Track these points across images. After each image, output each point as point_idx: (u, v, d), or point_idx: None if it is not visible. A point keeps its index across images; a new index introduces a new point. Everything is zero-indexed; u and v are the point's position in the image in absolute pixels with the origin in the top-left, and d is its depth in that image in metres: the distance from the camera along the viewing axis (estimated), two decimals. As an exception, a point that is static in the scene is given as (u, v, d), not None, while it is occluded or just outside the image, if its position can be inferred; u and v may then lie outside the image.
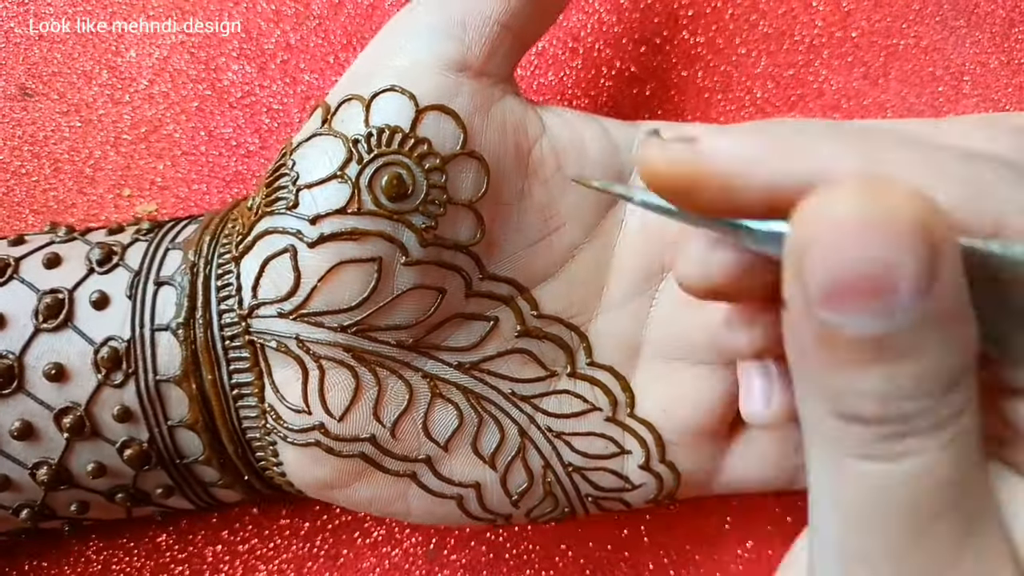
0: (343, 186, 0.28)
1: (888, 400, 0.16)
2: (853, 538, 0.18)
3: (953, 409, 0.16)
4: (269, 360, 0.30)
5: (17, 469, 0.31)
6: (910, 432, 0.16)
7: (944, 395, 0.16)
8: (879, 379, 0.16)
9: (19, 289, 0.31)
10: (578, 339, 0.33)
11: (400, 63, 0.30)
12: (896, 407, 0.16)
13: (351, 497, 0.31)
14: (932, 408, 0.16)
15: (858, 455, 0.17)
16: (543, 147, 0.31)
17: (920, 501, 0.17)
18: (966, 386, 0.17)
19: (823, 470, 0.18)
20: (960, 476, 0.17)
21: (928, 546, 0.17)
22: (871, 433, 0.17)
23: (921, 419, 0.16)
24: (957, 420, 0.16)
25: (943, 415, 0.16)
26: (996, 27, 0.42)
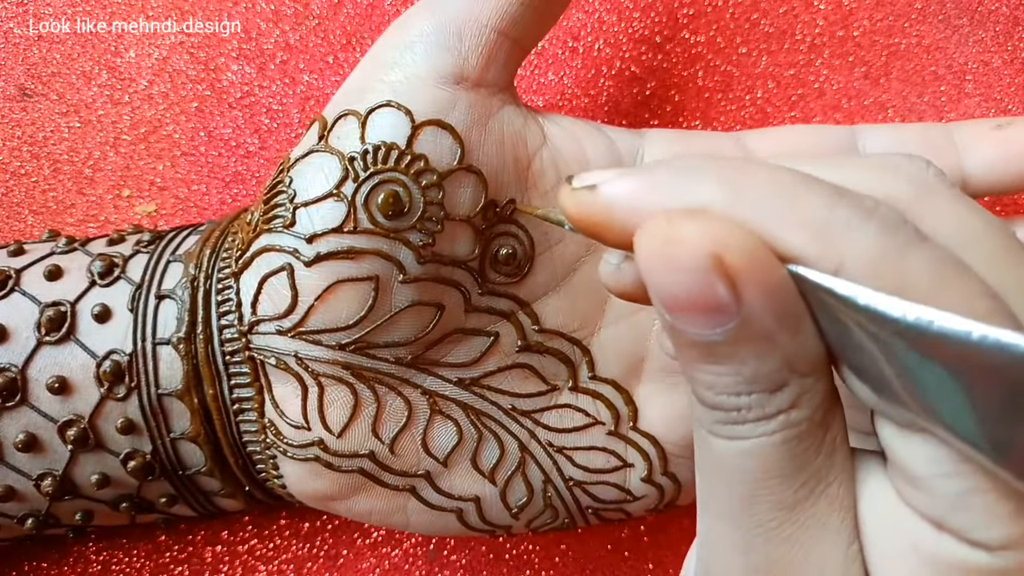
0: (339, 204, 0.28)
1: (719, 392, 0.19)
2: (704, 493, 0.21)
3: (778, 406, 0.19)
4: (269, 376, 0.30)
5: (22, 480, 0.31)
6: (739, 420, 0.19)
7: (770, 394, 0.19)
8: (711, 375, 0.19)
9: (21, 301, 0.31)
10: (580, 353, 0.32)
11: (395, 77, 0.29)
12: (727, 399, 0.19)
13: (351, 509, 0.31)
14: (758, 403, 0.19)
15: (707, 429, 0.20)
16: (543, 159, 0.31)
17: (748, 475, 0.20)
18: (798, 387, 0.19)
19: (695, 435, 0.21)
20: (788, 460, 0.19)
21: (754, 511, 0.20)
22: (712, 415, 0.20)
23: (748, 411, 0.19)
24: (786, 415, 0.19)
25: (768, 410, 0.19)
26: (999, 26, 0.42)
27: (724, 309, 0.17)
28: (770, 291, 0.17)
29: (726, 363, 0.18)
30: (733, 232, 0.17)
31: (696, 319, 0.18)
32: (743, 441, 0.19)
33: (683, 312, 0.18)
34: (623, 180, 0.20)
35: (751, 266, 0.17)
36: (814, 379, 0.19)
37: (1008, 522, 0.18)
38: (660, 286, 0.18)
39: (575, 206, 0.20)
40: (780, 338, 0.18)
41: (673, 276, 0.17)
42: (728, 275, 0.17)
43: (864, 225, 0.18)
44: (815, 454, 0.19)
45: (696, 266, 0.17)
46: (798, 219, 0.18)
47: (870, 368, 0.18)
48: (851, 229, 0.18)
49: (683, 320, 0.18)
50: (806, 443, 0.19)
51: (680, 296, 0.18)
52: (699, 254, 0.17)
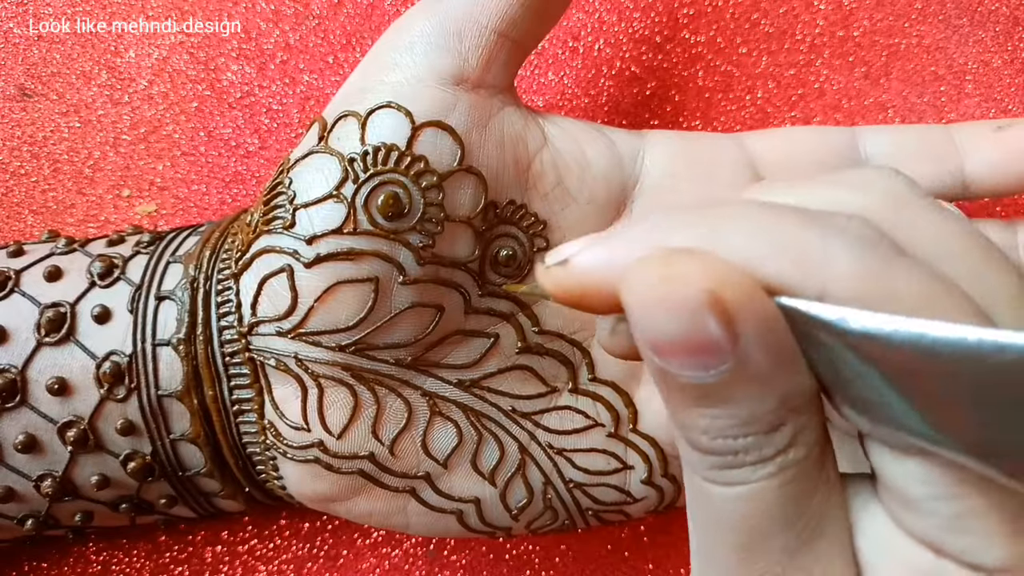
0: (339, 206, 0.28)
1: (715, 436, 0.18)
2: (702, 547, 0.20)
3: (776, 447, 0.18)
4: (269, 377, 0.30)
5: (21, 481, 0.31)
6: (737, 464, 0.19)
7: (767, 435, 0.18)
8: (705, 419, 0.18)
9: (20, 302, 0.31)
10: (580, 355, 0.32)
11: (396, 78, 0.29)
12: (722, 443, 0.18)
13: (351, 510, 0.31)
14: (756, 445, 0.18)
15: (701, 476, 0.19)
16: (543, 160, 0.31)
17: (749, 521, 0.19)
18: (794, 426, 0.18)
19: (687, 483, 0.20)
20: (788, 502, 0.19)
21: (758, 559, 0.19)
22: (707, 461, 0.19)
23: (745, 454, 0.18)
24: (784, 455, 0.18)
25: (766, 452, 0.18)
26: (999, 26, 0.42)
27: (719, 349, 0.17)
28: (765, 328, 0.17)
29: (721, 405, 0.18)
30: (727, 269, 0.17)
31: (689, 361, 0.17)
32: (741, 487, 0.19)
33: (675, 354, 0.17)
34: (594, 248, 0.20)
35: (747, 303, 0.17)
36: (808, 416, 0.19)
37: (1007, 543, 0.17)
38: (650, 327, 0.17)
39: (552, 285, 0.20)
40: (777, 376, 0.18)
41: (666, 315, 0.17)
42: (725, 312, 0.17)
43: (840, 245, 0.17)
44: (813, 494, 0.19)
45: (693, 304, 0.17)
46: (775, 249, 0.18)
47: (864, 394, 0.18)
48: (828, 251, 0.17)
49: (674, 363, 0.18)
50: (804, 484, 0.19)
51: (673, 337, 0.17)
52: (696, 292, 0.17)
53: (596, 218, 0.32)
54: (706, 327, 0.17)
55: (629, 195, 0.33)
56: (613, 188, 0.32)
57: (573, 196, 0.32)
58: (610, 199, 0.32)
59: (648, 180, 0.33)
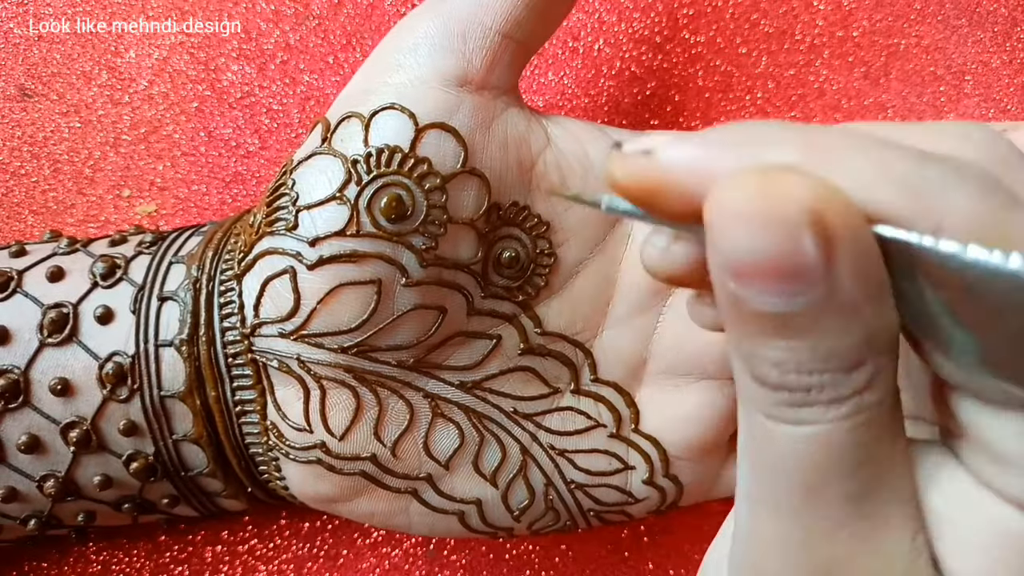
0: (342, 208, 0.28)
1: (788, 371, 0.17)
2: (756, 486, 0.19)
3: (854, 387, 0.17)
4: (271, 378, 0.30)
5: (24, 481, 0.31)
6: (809, 402, 0.18)
7: (846, 373, 0.17)
8: (780, 351, 0.17)
9: (23, 303, 0.31)
10: (583, 356, 0.32)
11: (399, 79, 0.29)
12: (796, 379, 0.17)
13: (353, 511, 0.31)
14: (832, 383, 0.17)
15: (765, 414, 0.18)
16: (547, 161, 0.31)
17: (814, 464, 0.18)
18: (874, 366, 0.17)
19: (743, 421, 0.19)
20: (858, 447, 0.18)
21: (819, 504, 0.18)
22: (774, 397, 0.18)
23: (820, 392, 0.17)
24: (860, 397, 0.17)
25: (842, 392, 0.17)
26: (998, 26, 0.42)
27: (811, 273, 0.16)
28: (863, 257, 0.16)
29: (801, 336, 0.17)
30: (832, 191, 0.16)
31: (775, 285, 0.16)
32: (812, 426, 0.18)
33: (759, 277, 0.16)
34: (684, 145, 0.18)
35: (848, 227, 0.16)
36: (888, 358, 0.18)
37: None
38: (737, 245, 0.16)
39: (627, 173, 0.19)
40: (865, 310, 0.17)
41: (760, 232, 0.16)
42: (825, 234, 0.16)
43: (962, 185, 0.16)
44: (882, 443, 0.18)
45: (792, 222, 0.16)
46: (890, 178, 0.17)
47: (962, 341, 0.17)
48: (948, 188, 0.16)
49: (756, 287, 0.16)
50: (875, 430, 0.18)
51: (763, 257, 0.16)
52: (798, 209, 0.16)
53: (599, 220, 0.32)
54: (802, 248, 0.16)
55: None
56: None
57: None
58: None
59: None
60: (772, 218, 0.16)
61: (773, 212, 0.16)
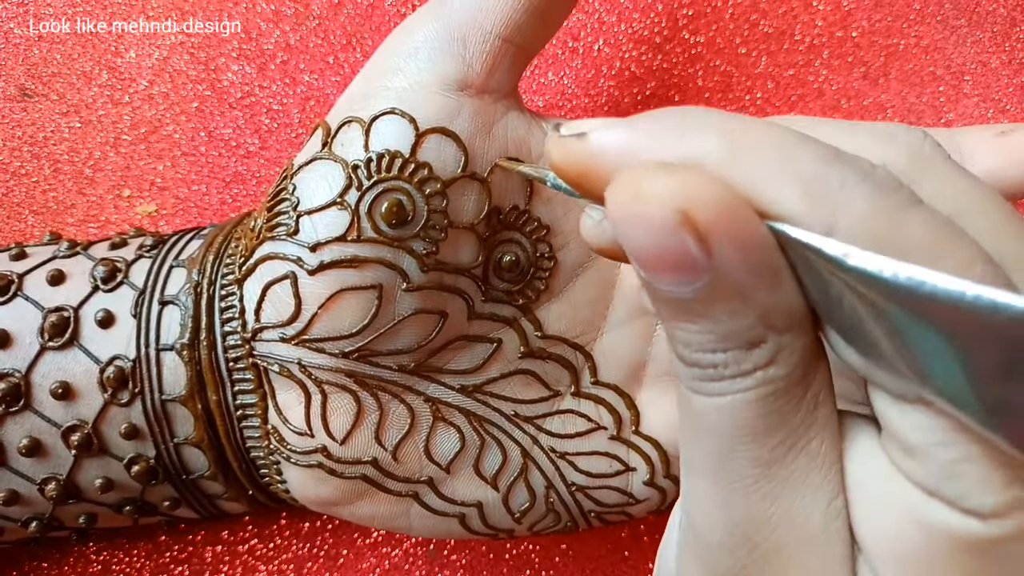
0: (343, 213, 0.28)
1: (696, 350, 0.19)
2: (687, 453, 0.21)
3: (755, 363, 0.18)
4: (272, 383, 0.30)
5: (26, 484, 0.31)
6: (716, 376, 0.19)
7: (745, 351, 0.18)
8: (688, 332, 0.19)
9: (24, 307, 0.31)
10: (583, 358, 0.32)
11: (399, 84, 0.29)
12: (703, 357, 0.19)
13: (354, 514, 0.31)
14: (734, 360, 0.18)
15: (685, 386, 0.20)
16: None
17: (725, 431, 0.19)
18: (775, 344, 0.18)
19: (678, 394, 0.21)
20: (766, 416, 0.19)
21: (732, 468, 0.20)
22: (690, 372, 0.19)
23: (725, 368, 0.19)
24: (764, 371, 0.19)
25: (745, 367, 0.18)
26: (997, 26, 0.42)
27: (694, 266, 0.17)
28: (744, 246, 0.17)
29: (700, 320, 0.18)
30: (704, 186, 0.17)
31: (667, 276, 0.18)
32: (720, 398, 0.19)
33: (655, 269, 0.18)
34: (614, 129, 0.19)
35: (723, 221, 0.17)
36: (792, 336, 0.19)
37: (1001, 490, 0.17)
38: (631, 242, 0.17)
39: (562, 154, 0.20)
40: (755, 295, 0.18)
41: (642, 232, 0.17)
42: (697, 231, 0.17)
43: (859, 185, 0.17)
44: (794, 411, 0.19)
45: (662, 223, 0.17)
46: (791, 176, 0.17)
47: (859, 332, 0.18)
48: (845, 188, 0.17)
49: (656, 277, 0.18)
50: (783, 400, 0.19)
51: (650, 253, 0.17)
52: (666, 210, 0.17)
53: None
54: (679, 244, 0.17)
55: None
56: None
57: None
58: None
59: None
60: (646, 219, 0.17)
61: (646, 214, 0.17)
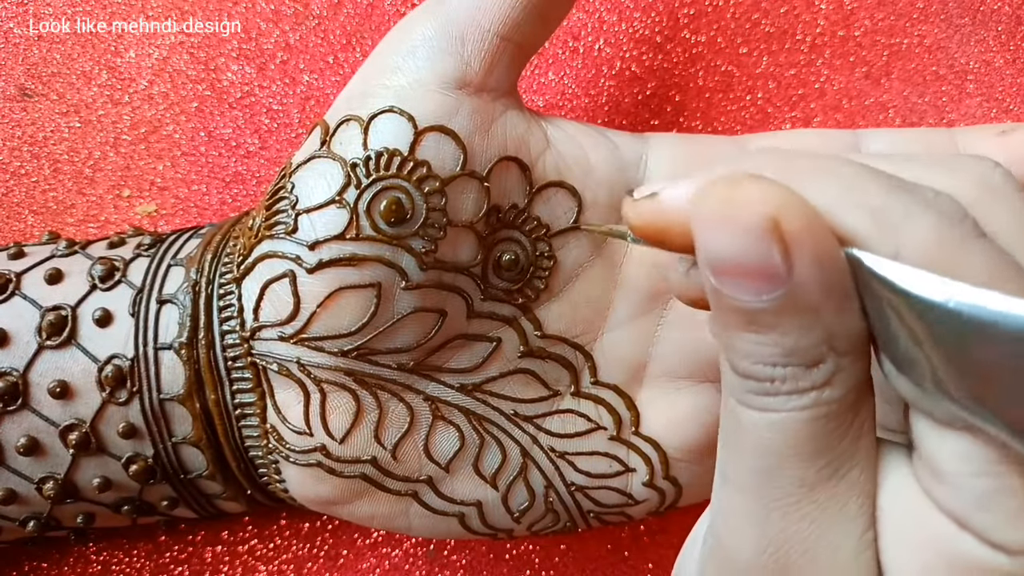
0: (341, 211, 0.28)
1: (755, 362, 0.19)
2: (726, 464, 0.21)
3: (814, 382, 0.19)
4: (271, 381, 0.30)
5: (24, 483, 0.31)
6: (771, 392, 0.19)
7: (806, 368, 0.19)
8: (749, 343, 0.19)
9: (21, 305, 0.31)
10: (583, 358, 0.32)
11: (398, 82, 0.29)
12: (761, 369, 0.19)
13: (353, 513, 0.31)
14: (792, 376, 0.19)
15: (736, 399, 0.20)
16: (546, 164, 0.31)
17: (773, 448, 0.19)
18: (834, 365, 0.19)
19: (723, 403, 0.21)
20: (815, 438, 0.19)
21: (775, 485, 0.20)
22: (744, 385, 0.20)
23: (782, 384, 0.19)
24: (819, 392, 0.19)
25: (802, 385, 0.19)
26: (1002, 25, 0.42)
27: (774, 276, 0.17)
28: (822, 263, 0.18)
29: (767, 332, 0.18)
30: (793, 199, 0.17)
31: (743, 284, 0.18)
32: (773, 414, 0.19)
33: (731, 275, 0.18)
34: (682, 184, 0.20)
35: (807, 235, 0.17)
36: (851, 360, 0.19)
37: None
38: (710, 246, 0.18)
39: (637, 216, 0.21)
40: (825, 313, 0.18)
41: (726, 236, 0.18)
42: (784, 240, 0.17)
43: (924, 214, 0.18)
44: (841, 436, 0.19)
45: (753, 227, 0.17)
46: (859, 203, 0.18)
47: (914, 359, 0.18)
48: (910, 216, 0.18)
49: (729, 284, 0.18)
50: (834, 423, 0.19)
51: (731, 258, 0.18)
52: (758, 215, 0.17)
53: (599, 222, 0.32)
54: (765, 252, 0.17)
55: None
56: (616, 192, 0.32)
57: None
58: (613, 203, 0.32)
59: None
60: (735, 223, 0.17)
61: (735, 218, 0.17)
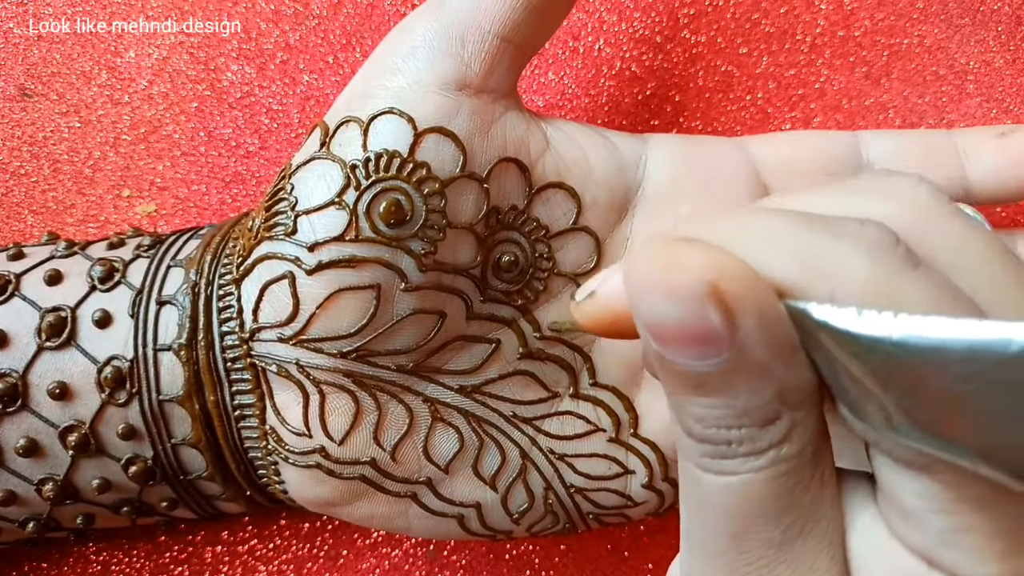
0: (341, 212, 0.28)
1: (708, 426, 0.19)
2: (690, 531, 0.21)
3: (770, 440, 0.18)
4: (270, 383, 0.30)
5: (23, 485, 0.31)
6: (728, 454, 0.19)
7: (761, 428, 0.18)
8: (701, 407, 0.18)
9: (21, 307, 0.31)
10: (581, 360, 0.32)
11: (398, 83, 0.29)
12: (716, 432, 0.18)
13: (352, 514, 0.31)
14: (749, 437, 0.18)
15: (694, 463, 0.19)
16: (546, 165, 0.31)
17: (737, 511, 0.19)
18: (789, 420, 0.18)
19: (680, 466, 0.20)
20: (779, 496, 0.19)
21: (742, 548, 0.19)
22: (700, 448, 0.19)
23: (739, 445, 0.18)
24: (777, 449, 0.18)
25: (760, 445, 0.18)
26: (1002, 26, 0.41)
27: (718, 340, 0.17)
28: (765, 322, 0.17)
29: (717, 395, 0.18)
30: (729, 260, 0.17)
31: (687, 350, 0.17)
32: (731, 477, 0.19)
33: (673, 342, 0.17)
34: (615, 275, 0.20)
35: (747, 296, 0.17)
36: (805, 412, 0.19)
37: (997, 561, 0.17)
38: (650, 314, 0.17)
39: (584, 317, 0.21)
40: (774, 370, 0.18)
41: (665, 303, 0.17)
42: (724, 304, 0.17)
43: (851, 250, 0.17)
44: (805, 490, 0.19)
45: (691, 294, 0.17)
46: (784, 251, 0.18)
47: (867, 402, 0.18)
48: (838, 256, 0.17)
49: (673, 351, 0.18)
50: (796, 479, 0.19)
51: (671, 325, 0.17)
52: (695, 281, 0.17)
53: (598, 223, 0.32)
54: (705, 317, 0.17)
55: (631, 200, 0.32)
56: (615, 193, 0.32)
57: None
58: (612, 204, 0.32)
59: (650, 185, 0.33)
60: (673, 290, 0.17)
61: (674, 284, 0.17)
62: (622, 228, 0.32)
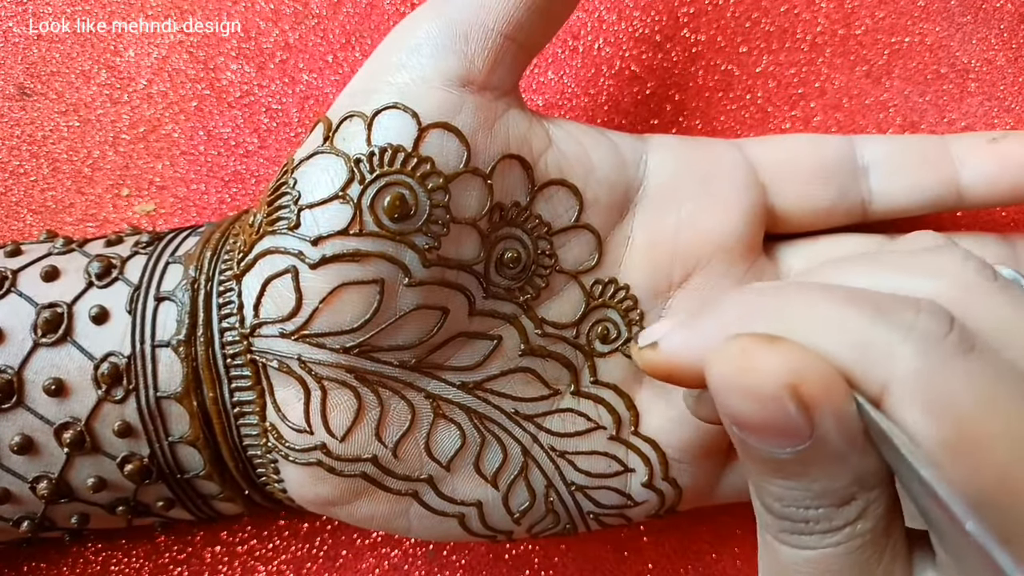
0: (345, 207, 0.28)
1: (787, 505, 0.20)
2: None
3: (846, 519, 0.20)
4: (271, 379, 0.30)
5: (17, 483, 0.31)
6: (806, 531, 0.20)
7: (837, 508, 0.20)
8: (781, 488, 0.20)
9: (17, 303, 0.31)
10: (583, 357, 0.32)
11: (402, 79, 0.29)
12: (795, 511, 0.20)
13: (352, 514, 0.31)
14: (826, 516, 0.20)
15: (772, 535, 0.21)
16: (548, 163, 0.31)
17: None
18: (864, 500, 0.20)
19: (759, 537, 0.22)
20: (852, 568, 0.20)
21: None
22: (779, 524, 0.21)
23: (816, 524, 0.20)
24: (852, 526, 0.20)
25: (836, 523, 0.20)
26: (1004, 24, 0.41)
27: (797, 433, 0.19)
28: (842, 416, 0.19)
29: (796, 479, 0.20)
30: (809, 361, 0.18)
31: (768, 439, 0.19)
32: (809, 551, 0.20)
33: (755, 432, 0.19)
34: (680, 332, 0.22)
35: (825, 395, 0.18)
36: (880, 490, 0.20)
37: None
38: (734, 410, 0.19)
39: (644, 364, 0.23)
40: (850, 458, 0.19)
41: (748, 403, 0.19)
42: (804, 403, 0.18)
43: (905, 341, 0.19)
44: (878, 562, 0.20)
45: (774, 396, 0.18)
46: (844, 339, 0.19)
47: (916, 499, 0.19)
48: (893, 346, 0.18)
49: (755, 439, 0.19)
50: (870, 551, 0.20)
51: (754, 422, 0.19)
52: (776, 384, 0.18)
53: (599, 221, 0.32)
54: (786, 413, 0.18)
55: (632, 198, 0.33)
56: (616, 191, 0.32)
57: None
58: (613, 202, 0.32)
59: (650, 184, 0.33)
60: (756, 392, 0.19)
61: (755, 386, 0.18)
62: (623, 226, 0.32)
